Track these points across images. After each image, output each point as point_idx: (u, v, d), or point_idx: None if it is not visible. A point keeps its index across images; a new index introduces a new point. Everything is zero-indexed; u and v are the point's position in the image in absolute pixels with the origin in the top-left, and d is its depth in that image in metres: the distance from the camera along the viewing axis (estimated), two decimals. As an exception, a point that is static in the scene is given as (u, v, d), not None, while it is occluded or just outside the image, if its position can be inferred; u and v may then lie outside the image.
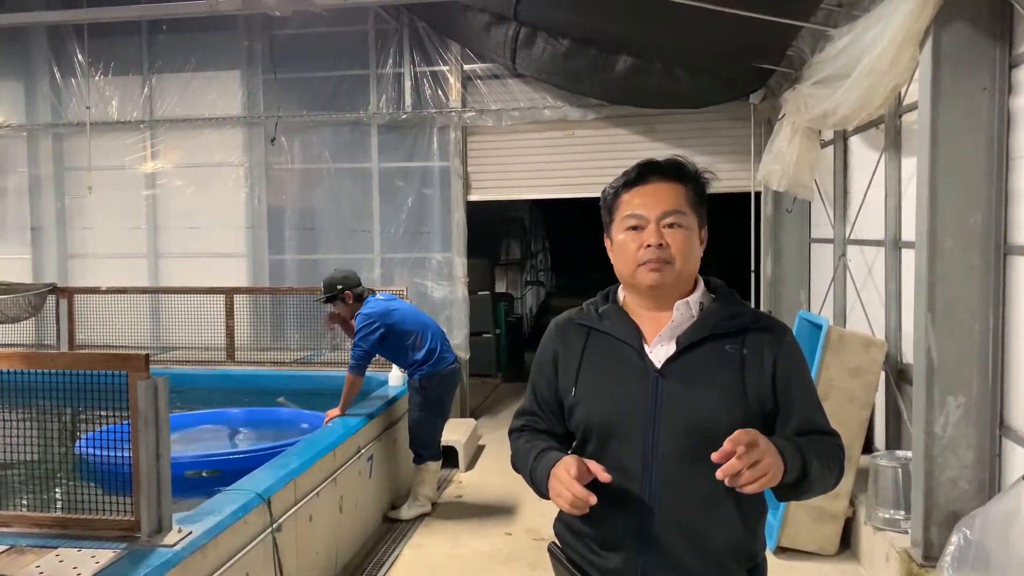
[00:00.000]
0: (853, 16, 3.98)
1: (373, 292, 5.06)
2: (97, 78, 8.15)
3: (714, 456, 1.42)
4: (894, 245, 4.41)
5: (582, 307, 1.77)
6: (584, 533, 1.68)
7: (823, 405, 1.71)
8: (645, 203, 1.64)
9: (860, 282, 5.06)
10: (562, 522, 1.75)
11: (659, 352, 1.64)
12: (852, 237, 5.20)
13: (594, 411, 1.66)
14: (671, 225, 1.62)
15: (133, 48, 8.08)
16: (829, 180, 5.54)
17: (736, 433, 1.42)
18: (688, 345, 1.62)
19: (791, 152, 5.26)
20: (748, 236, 7.07)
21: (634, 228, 1.64)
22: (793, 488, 1.55)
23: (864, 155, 4.98)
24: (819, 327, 4.32)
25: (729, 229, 8.41)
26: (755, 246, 7.04)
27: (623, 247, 1.66)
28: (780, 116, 5.55)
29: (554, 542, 1.78)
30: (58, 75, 8.22)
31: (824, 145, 5.59)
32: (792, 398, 1.63)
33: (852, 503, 4.20)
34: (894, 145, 4.37)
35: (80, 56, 8.11)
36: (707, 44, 5.79)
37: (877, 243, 4.67)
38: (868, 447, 4.50)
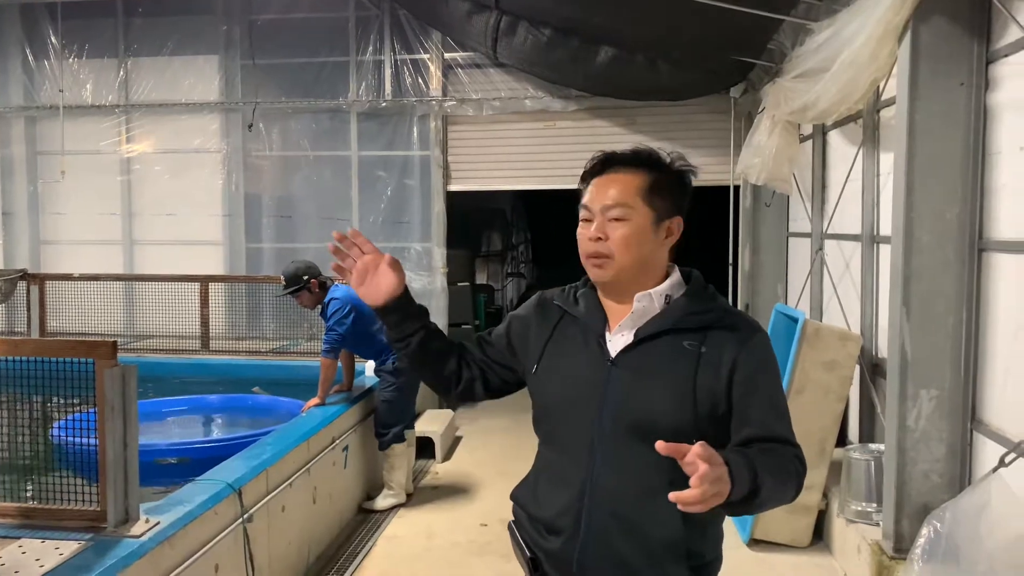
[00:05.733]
0: (833, 10, 3.97)
1: (333, 280, 5.00)
2: (71, 60, 8.00)
3: (658, 446, 1.33)
4: (871, 240, 4.43)
5: (564, 288, 1.78)
6: (531, 514, 1.70)
7: (798, 400, 1.70)
8: (593, 195, 1.63)
9: (837, 276, 5.09)
10: (516, 501, 1.76)
11: (617, 341, 1.62)
12: (829, 231, 5.23)
13: (549, 391, 1.68)
14: (615, 219, 1.60)
15: (108, 30, 7.93)
16: (807, 174, 5.55)
17: (697, 447, 1.32)
18: (646, 337, 1.60)
19: (770, 146, 5.27)
20: (727, 229, 7.08)
21: (585, 220, 1.64)
22: (741, 505, 1.44)
23: (842, 150, 5.00)
24: (795, 321, 4.33)
25: (708, 222, 8.44)
26: (733, 240, 7.06)
27: (579, 238, 1.66)
28: (760, 109, 5.56)
29: (513, 520, 1.78)
30: (31, 57, 8.06)
31: (803, 139, 5.60)
32: (748, 403, 1.56)
33: (825, 495, 4.23)
34: (872, 140, 4.38)
35: (54, 38, 7.95)
36: (689, 36, 5.77)
37: (854, 238, 4.69)
38: (842, 440, 4.53)
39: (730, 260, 7.13)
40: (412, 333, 1.73)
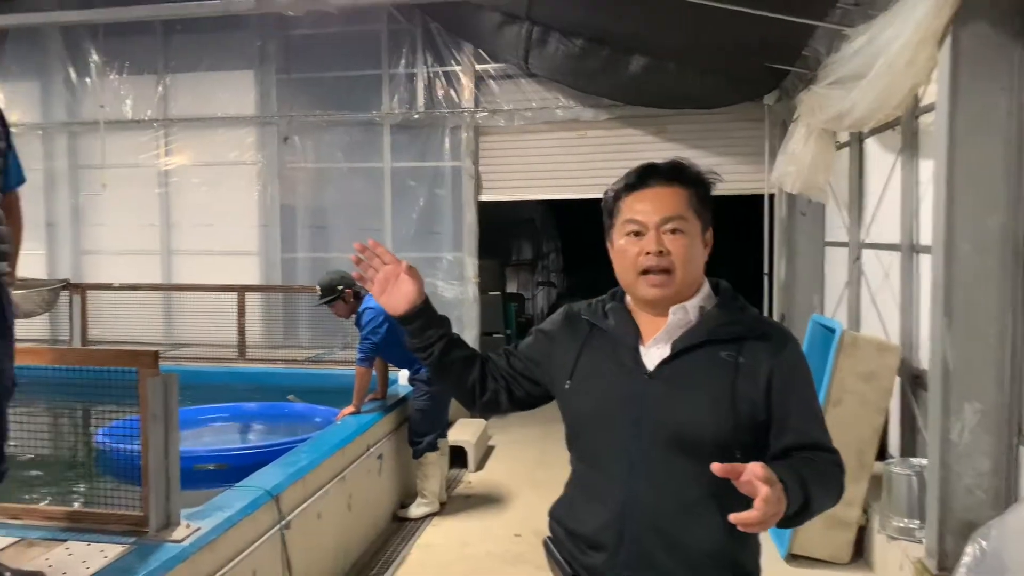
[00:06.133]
0: (870, 15, 3.93)
1: (367, 290, 5.01)
2: (112, 77, 8.20)
3: (714, 467, 1.34)
4: (910, 249, 4.36)
5: (591, 302, 1.77)
6: (571, 530, 1.68)
7: (835, 412, 1.69)
8: (645, 208, 1.60)
9: (875, 286, 5.01)
10: (553, 518, 1.75)
11: (653, 354, 1.61)
12: (867, 241, 5.15)
13: (585, 406, 1.66)
14: (672, 231, 1.59)
15: (147, 47, 8.12)
16: (844, 183, 5.49)
17: (756, 468, 1.34)
18: (683, 349, 1.59)
19: (806, 154, 5.21)
20: (762, 238, 7.02)
21: (634, 234, 1.61)
22: (791, 519, 1.46)
23: (880, 157, 4.93)
24: (832, 331, 4.27)
25: (743, 231, 8.38)
26: (769, 249, 7.00)
27: (623, 253, 1.63)
28: (795, 117, 5.51)
29: (549, 536, 1.77)
30: (73, 74, 8.28)
31: (839, 147, 5.54)
32: (788, 411, 1.57)
33: (866, 511, 4.15)
34: (911, 147, 4.32)
35: (95, 55, 8.17)
36: (721, 44, 5.75)
37: (893, 247, 4.61)
38: (882, 454, 4.45)
39: (765, 270, 7.05)
40: (435, 341, 1.75)
